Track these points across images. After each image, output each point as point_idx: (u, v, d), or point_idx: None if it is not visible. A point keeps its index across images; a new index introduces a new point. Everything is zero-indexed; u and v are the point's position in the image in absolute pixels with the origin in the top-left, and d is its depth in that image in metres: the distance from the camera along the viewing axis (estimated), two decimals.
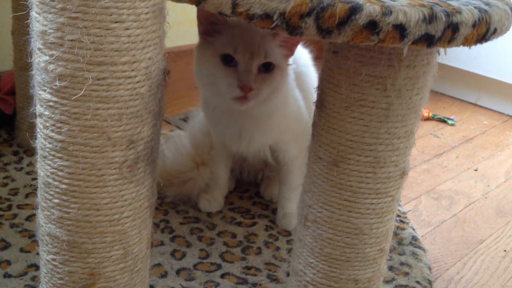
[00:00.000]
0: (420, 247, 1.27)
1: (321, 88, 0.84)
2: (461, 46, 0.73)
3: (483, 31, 0.71)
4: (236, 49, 1.02)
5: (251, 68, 1.02)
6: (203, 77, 1.10)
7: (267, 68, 1.05)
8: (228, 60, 1.03)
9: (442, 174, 1.69)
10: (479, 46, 0.76)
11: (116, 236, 0.75)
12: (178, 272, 1.11)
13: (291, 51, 1.10)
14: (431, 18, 0.66)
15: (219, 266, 1.14)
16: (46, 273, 0.78)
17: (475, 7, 0.71)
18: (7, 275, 1.03)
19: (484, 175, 1.71)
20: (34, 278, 1.02)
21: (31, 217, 1.20)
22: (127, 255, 0.77)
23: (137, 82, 0.68)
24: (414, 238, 1.30)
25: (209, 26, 1.05)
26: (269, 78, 1.05)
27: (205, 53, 1.07)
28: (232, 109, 1.12)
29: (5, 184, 1.32)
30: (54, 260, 0.75)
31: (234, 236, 1.25)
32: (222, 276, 1.11)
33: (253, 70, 1.03)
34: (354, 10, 0.64)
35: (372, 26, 0.65)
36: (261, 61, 1.03)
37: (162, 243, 1.19)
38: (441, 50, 0.80)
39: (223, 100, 1.07)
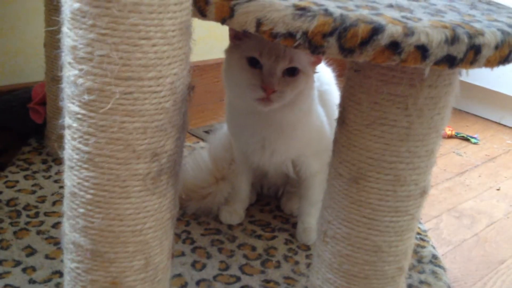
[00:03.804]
0: (440, 266, 1.26)
1: (342, 106, 0.85)
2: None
3: (506, 53, 0.72)
4: (261, 53, 1.05)
5: (275, 71, 1.05)
6: (230, 79, 1.13)
7: (292, 72, 1.07)
8: (254, 63, 1.06)
9: (464, 193, 1.68)
10: None
11: (138, 246, 0.76)
12: (198, 283, 1.12)
13: (318, 59, 1.12)
14: (453, 39, 0.67)
15: (238, 279, 1.15)
16: (69, 281, 0.79)
17: (498, 29, 0.71)
18: (31, 281, 1.05)
19: (507, 194, 1.69)
20: (58, 285, 1.05)
21: (57, 225, 1.23)
22: (149, 265, 0.78)
23: (163, 96, 0.70)
24: (434, 257, 1.29)
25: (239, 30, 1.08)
26: (293, 82, 1.07)
27: (233, 56, 1.10)
28: (256, 117, 1.14)
29: (34, 192, 1.35)
30: (77, 268, 0.77)
31: (254, 249, 1.26)
32: None
33: (277, 73, 1.05)
34: (377, 30, 0.65)
35: (394, 46, 0.66)
36: (285, 65, 1.06)
37: (183, 254, 1.20)
38: (463, 70, 0.81)
39: (248, 102, 1.09)
